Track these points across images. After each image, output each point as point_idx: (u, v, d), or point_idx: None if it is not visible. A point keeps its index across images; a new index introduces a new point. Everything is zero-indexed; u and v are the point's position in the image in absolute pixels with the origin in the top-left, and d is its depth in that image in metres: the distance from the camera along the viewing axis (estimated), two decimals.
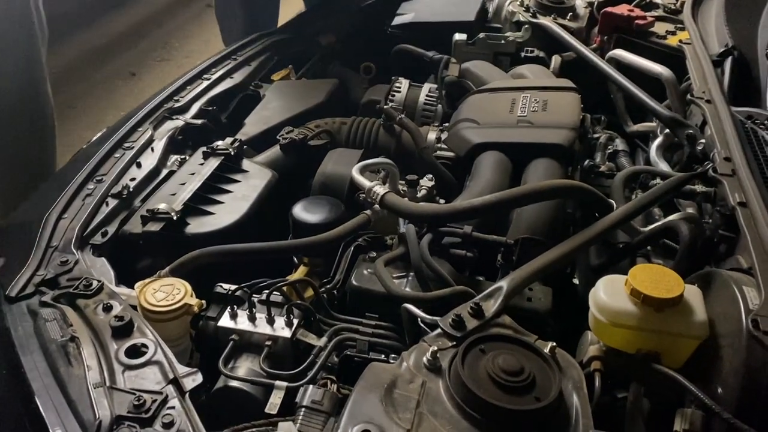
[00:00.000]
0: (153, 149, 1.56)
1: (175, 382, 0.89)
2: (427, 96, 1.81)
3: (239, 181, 1.45)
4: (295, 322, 1.10)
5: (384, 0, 2.28)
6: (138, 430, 0.83)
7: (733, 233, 1.19)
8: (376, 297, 1.16)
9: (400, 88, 1.82)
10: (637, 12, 1.93)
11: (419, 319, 1.03)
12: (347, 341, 1.10)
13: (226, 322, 1.12)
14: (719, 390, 0.92)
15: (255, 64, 1.96)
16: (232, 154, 1.51)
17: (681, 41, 1.67)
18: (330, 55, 2.09)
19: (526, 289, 1.14)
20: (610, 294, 0.99)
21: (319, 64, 2.06)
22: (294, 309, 1.11)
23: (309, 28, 2.16)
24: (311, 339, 1.10)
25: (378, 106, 1.71)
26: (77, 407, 0.86)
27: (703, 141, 1.38)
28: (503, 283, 1.03)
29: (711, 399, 0.88)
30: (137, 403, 0.84)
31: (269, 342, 1.08)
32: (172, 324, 1.09)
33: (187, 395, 0.88)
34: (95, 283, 1.10)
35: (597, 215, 1.23)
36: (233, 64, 1.93)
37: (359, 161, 1.39)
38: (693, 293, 0.99)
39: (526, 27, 2.05)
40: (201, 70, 1.87)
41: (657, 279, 0.98)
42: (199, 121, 1.67)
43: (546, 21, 2.03)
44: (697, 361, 0.97)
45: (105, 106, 3.81)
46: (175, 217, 1.31)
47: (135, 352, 0.94)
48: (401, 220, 1.26)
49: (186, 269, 1.19)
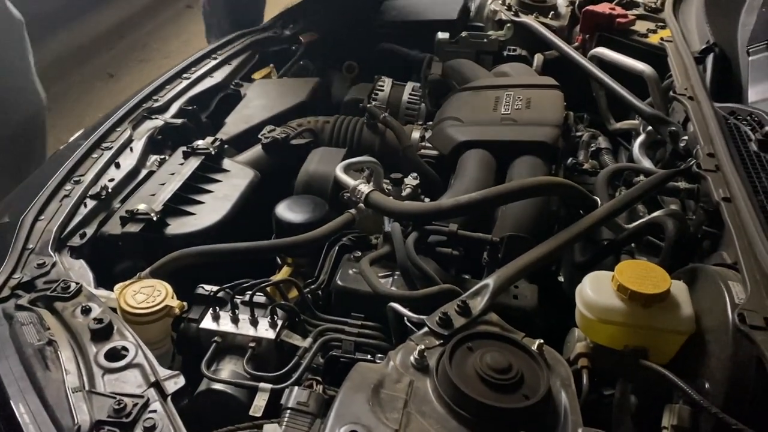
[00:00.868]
0: (132, 149, 1.53)
1: (157, 385, 0.87)
2: (411, 95, 1.81)
3: (220, 181, 1.43)
4: (279, 323, 1.08)
5: None
6: None
7: (717, 229, 1.19)
8: (361, 297, 1.15)
9: (383, 86, 1.82)
10: (619, 10, 1.94)
11: (405, 318, 1.02)
12: (333, 342, 1.08)
13: (208, 323, 1.09)
14: (707, 385, 0.92)
15: (235, 62, 1.94)
16: (212, 153, 1.48)
17: (662, 39, 1.68)
18: (312, 54, 2.07)
19: (512, 287, 1.13)
20: (596, 290, 0.99)
21: (301, 62, 2.04)
22: (278, 310, 1.10)
23: (290, 26, 2.14)
24: (296, 340, 1.08)
25: (361, 104, 1.70)
26: (55, 412, 0.83)
27: (686, 138, 1.38)
28: (489, 281, 1.02)
29: (699, 394, 0.87)
30: (118, 407, 0.82)
31: (253, 343, 1.06)
32: (152, 326, 1.07)
33: (169, 398, 0.86)
34: (73, 286, 1.07)
35: (582, 212, 1.22)
36: (213, 63, 1.90)
37: (343, 160, 1.37)
38: (679, 289, 0.99)
39: (508, 26, 2.06)
40: (180, 69, 1.84)
41: (643, 275, 0.98)
42: (179, 121, 1.64)
43: (528, 20, 2.03)
44: (684, 357, 0.97)
45: (83, 107, 3.76)
46: (155, 218, 1.28)
47: (115, 355, 0.91)
48: (386, 219, 1.25)
49: (167, 270, 1.17)
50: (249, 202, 1.39)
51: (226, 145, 1.55)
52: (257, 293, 1.11)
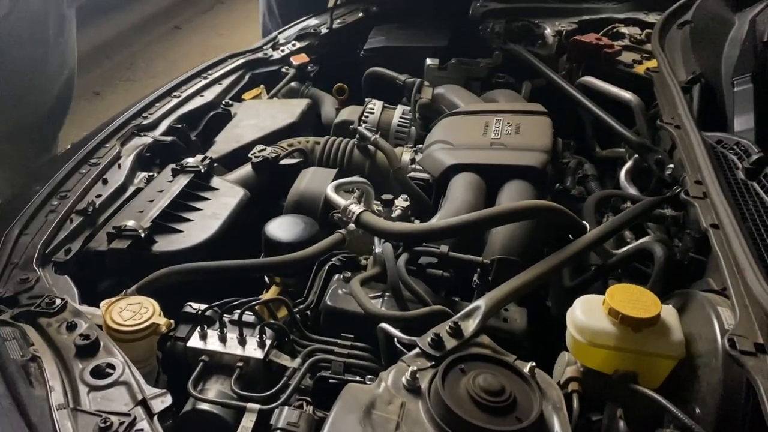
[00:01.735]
0: (120, 166, 1.52)
1: (144, 403, 0.85)
2: (401, 118, 1.82)
3: (209, 199, 1.42)
4: (268, 342, 1.07)
5: (356, 23, 2.29)
6: None
7: (703, 256, 1.21)
8: (351, 317, 1.14)
9: (373, 109, 1.83)
10: (605, 41, 1.97)
11: (396, 339, 1.01)
12: (322, 362, 1.07)
13: (195, 342, 1.08)
14: (697, 410, 0.92)
15: (226, 83, 1.94)
16: (202, 171, 1.48)
17: (648, 69, 1.71)
18: (302, 76, 2.08)
19: (501, 310, 1.13)
20: (588, 314, 0.99)
21: (292, 84, 2.04)
22: (267, 329, 1.08)
23: (281, 48, 2.15)
24: (284, 360, 1.07)
25: (351, 126, 1.70)
26: (38, 431, 0.81)
27: (672, 166, 1.40)
28: (481, 303, 1.02)
29: (690, 419, 0.87)
30: (103, 426, 0.80)
31: (241, 363, 1.05)
32: (138, 344, 1.05)
33: (156, 417, 0.84)
34: (58, 301, 1.05)
35: (571, 236, 1.23)
36: (204, 82, 1.90)
37: (334, 180, 1.37)
38: (669, 313, 1.00)
39: (496, 53, 2.08)
40: (171, 87, 1.84)
41: (634, 299, 0.99)
42: (168, 139, 1.64)
43: (516, 48, 2.07)
44: (674, 382, 0.97)
45: (67, 124, 3.72)
46: (143, 235, 1.27)
47: (101, 372, 0.89)
48: (376, 240, 1.25)
49: (154, 287, 1.16)
50: (238, 220, 1.38)
51: (215, 164, 1.54)
52: (246, 312, 1.09)
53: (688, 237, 1.27)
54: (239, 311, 1.08)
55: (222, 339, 1.07)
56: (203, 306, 1.12)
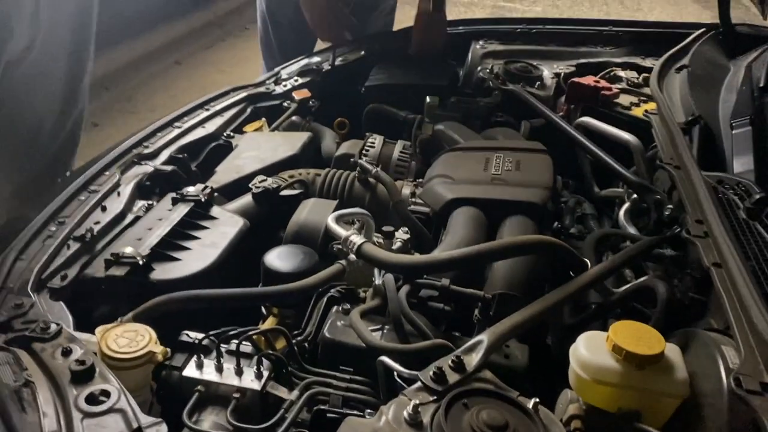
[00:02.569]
0: (119, 193, 1.51)
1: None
2: (401, 152, 1.83)
3: (209, 228, 1.41)
4: (265, 373, 1.05)
5: (358, 61, 2.32)
6: None
7: (704, 296, 1.21)
8: (349, 350, 1.12)
9: (374, 143, 1.84)
10: (603, 83, 2.00)
11: (396, 374, 1.00)
12: (320, 395, 1.05)
13: (191, 371, 1.06)
14: None
15: (228, 115, 1.95)
16: (202, 200, 1.47)
17: (647, 111, 1.74)
18: (304, 111, 2.10)
19: (503, 346, 1.12)
20: (591, 350, 0.98)
21: (293, 118, 2.06)
22: (264, 360, 1.07)
23: (283, 83, 2.17)
24: (282, 392, 1.05)
25: (352, 159, 1.71)
26: None
27: (671, 206, 1.41)
28: (483, 337, 1.01)
29: None
30: None
31: (237, 394, 1.02)
32: (133, 372, 1.03)
33: None
34: (54, 327, 1.03)
35: (572, 273, 1.23)
36: (206, 114, 1.91)
37: (334, 211, 1.37)
38: (673, 351, 0.99)
39: (495, 93, 2.11)
40: (173, 117, 1.85)
41: (638, 336, 0.98)
42: (169, 168, 1.64)
43: (515, 88, 2.10)
44: (679, 421, 0.96)
45: None
46: (141, 262, 1.26)
47: (96, 398, 0.87)
48: (377, 271, 1.24)
49: (151, 315, 1.14)
50: (237, 250, 1.37)
51: (216, 193, 1.54)
52: (244, 342, 1.07)
53: (688, 277, 1.27)
54: (237, 341, 1.07)
55: (218, 369, 1.05)
56: (200, 335, 1.10)
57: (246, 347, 1.09)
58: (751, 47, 2.02)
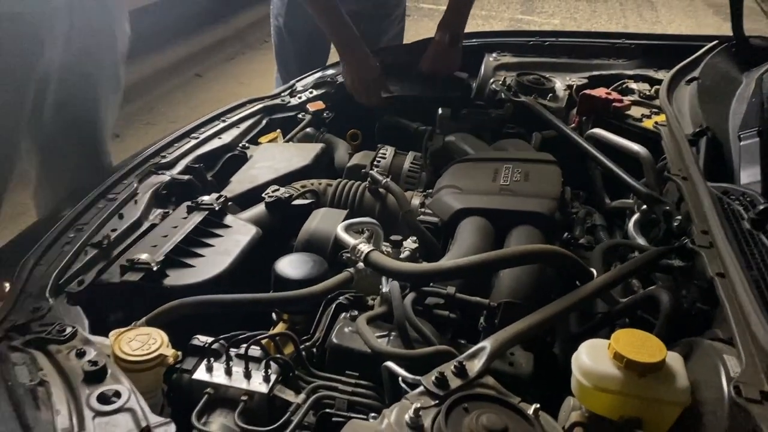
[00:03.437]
0: (136, 202, 1.55)
1: (148, 431, 0.86)
2: (412, 163, 1.86)
3: (222, 236, 1.45)
4: (273, 377, 1.07)
5: None
6: None
7: (710, 307, 1.21)
8: (356, 356, 1.14)
9: (385, 154, 1.87)
10: (615, 95, 2.01)
11: (400, 378, 1.02)
12: (325, 399, 1.07)
13: (201, 375, 1.08)
14: None
15: (244, 126, 1.99)
16: (216, 209, 1.51)
17: (657, 123, 1.75)
18: (318, 122, 2.14)
19: (507, 353, 1.13)
20: (593, 358, 0.99)
21: (307, 130, 2.10)
22: (272, 363, 1.09)
23: (299, 95, 2.21)
24: (289, 395, 1.07)
25: (363, 170, 1.74)
26: None
27: (680, 217, 1.42)
28: (486, 344, 1.02)
29: None
30: None
31: (245, 397, 1.05)
32: (145, 375, 1.05)
33: None
34: (69, 329, 1.07)
35: (578, 283, 1.24)
36: (222, 125, 1.95)
37: (344, 221, 1.39)
38: (674, 359, 1.00)
39: (508, 105, 2.13)
40: (190, 129, 1.89)
41: (639, 344, 0.99)
42: (185, 177, 1.68)
43: (527, 100, 2.11)
44: (680, 429, 0.96)
45: None
46: (155, 268, 1.29)
47: (107, 398, 0.90)
48: (384, 279, 1.26)
49: (163, 319, 1.17)
50: (249, 258, 1.40)
51: (230, 202, 1.58)
52: (253, 347, 1.10)
53: (695, 287, 1.28)
54: (246, 345, 1.09)
55: (228, 372, 1.08)
56: (211, 339, 1.13)
57: (255, 351, 1.11)
58: (766, 60, 2.02)
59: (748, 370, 0.92)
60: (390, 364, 1.04)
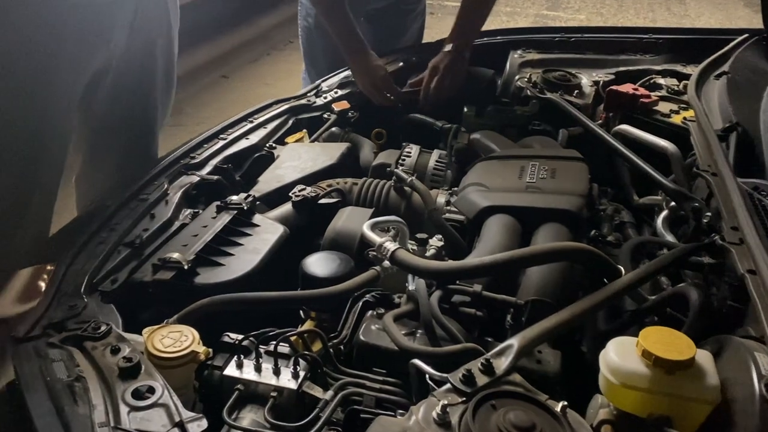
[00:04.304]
0: (167, 202, 1.58)
1: (181, 425, 0.88)
2: (437, 161, 1.86)
3: (251, 235, 1.47)
4: (302, 374, 1.09)
5: (397, 72, 2.36)
6: None
7: (742, 304, 1.20)
8: (383, 353, 1.15)
9: (410, 153, 1.87)
10: (642, 91, 1.99)
11: (427, 376, 1.02)
12: (353, 396, 1.08)
13: (232, 371, 1.10)
14: None
15: (271, 126, 2.01)
16: (244, 208, 1.53)
17: (685, 119, 1.73)
18: (343, 122, 2.15)
19: (535, 351, 1.13)
20: (621, 355, 0.99)
21: (332, 129, 2.11)
22: (301, 360, 1.11)
23: (324, 95, 2.23)
24: (317, 392, 1.09)
25: (388, 169, 1.75)
26: None
27: (709, 214, 1.40)
28: (514, 341, 1.03)
29: None
30: None
31: (275, 393, 1.06)
32: (177, 371, 1.08)
33: None
34: (104, 327, 1.10)
35: (606, 280, 1.24)
36: (250, 126, 1.98)
37: (370, 219, 1.41)
38: (704, 357, 0.99)
39: (534, 101, 2.12)
40: (218, 130, 1.92)
41: (668, 341, 0.98)
42: (214, 178, 1.71)
43: (554, 97, 2.10)
44: (710, 427, 0.95)
45: None
46: (186, 267, 1.32)
47: (141, 393, 0.93)
48: (410, 277, 1.27)
49: (194, 317, 1.19)
50: (277, 256, 1.42)
51: (257, 202, 1.60)
52: (282, 343, 1.12)
53: (725, 285, 1.26)
54: (275, 342, 1.11)
55: (257, 369, 1.10)
56: (240, 336, 1.15)
57: (284, 348, 1.13)
58: None
59: None
60: (417, 361, 1.05)
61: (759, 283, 1.04)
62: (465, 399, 0.92)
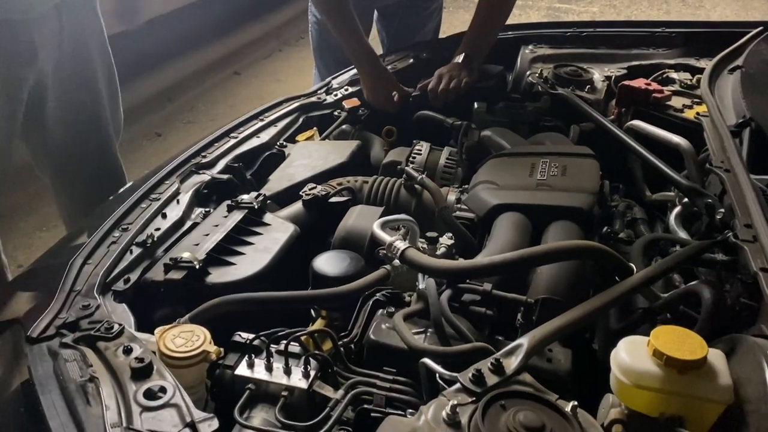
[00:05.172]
0: (179, 201, 1.59)
1: (192, 426, 0.89)
2: (448, 159, 1.86)
3: (261, 234, 1.47)
4: (312, 373, 1.10)
5: (407, 69, 2.36)
6: None
7: (755, 302, 1.18)
8: (393, 352, 1.16)
9: (420, 150, 1.87)
10: (654, 86, 1.97)
11: (437, 375, 1.03)
12: (364, 395, 1.09)
13: (243, 370, 1.11)
14: None
15: (281, 124, 2.02)
16: (255, 207, 1.54)
17: (698, 114, 1.71)
18: (354, 120, 2.15)
19: (546, 350, 1.13)
20: (632, 354, 0.98)
21: (343, 127, 2.11)
22: (311, 360, 1.11)
23: (334, 93, 2.23)
24: (328, 391, 1.09)
25: (399, 167, 1.75)
26: None
27: (722, 210, 1.38)
28: (524, 341, 1.02)
29: None
30: None
31: (285, 392, 1.07)
32: (189, 371, 1.08)
33: None
34: (116, 327, 1.11)
35: (617, 278, 1.23)
36: (260, 124, 1.98)
37: (380, 218, 1.41)
38: (716, 357, 0.98)
39: (545, 97, 2.11)
40: (229, 128, 1.93)
41: (680, 341, 0.97)
42: (225, 177, 1.71)
43: (565, 92, 2.09)
44: (723, 428, 0.95)
45: (129, 163, 3.90)
46: (198, 266, 1.33)
47: (153, 394, 0.94)
48: (420, 276, 1.27)
49: (206, 317, 1.20)
50: (288, 255, 1.43)
51: (268, 201, 1.61)
52: (292, 343, 1.12)
53: (739, 282, 1.25)
54: (285, 342, 1.12)
55: (268, 368, 1.10)
56: (252, 336, 1.16)
57: (294, 348, 1.13)
58: None
59: None
60: (427, 360, 1.05)
61: None
62: (475, 399, 0.92)
